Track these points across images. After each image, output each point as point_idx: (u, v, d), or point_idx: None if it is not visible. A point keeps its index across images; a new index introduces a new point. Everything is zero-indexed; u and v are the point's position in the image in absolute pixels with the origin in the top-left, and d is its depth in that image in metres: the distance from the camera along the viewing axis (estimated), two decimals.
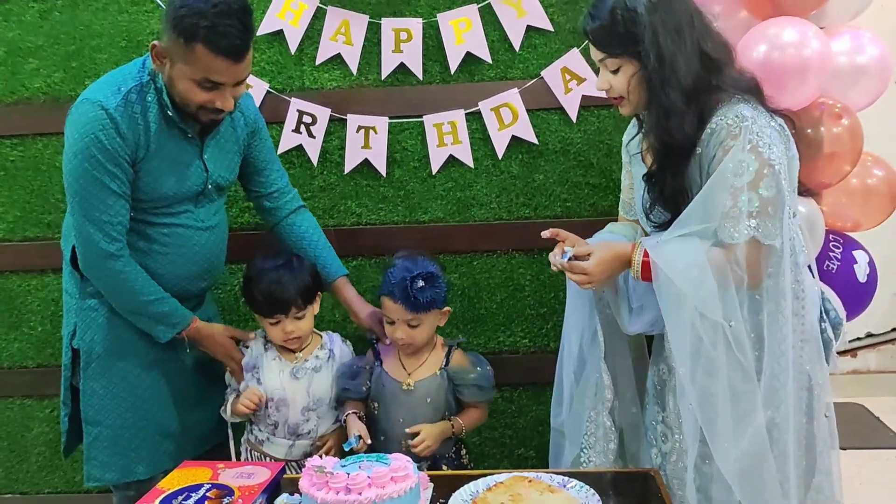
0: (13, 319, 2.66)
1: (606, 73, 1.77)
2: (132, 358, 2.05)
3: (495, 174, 2.51)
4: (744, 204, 1.62)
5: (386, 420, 2.09)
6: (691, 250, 1.66)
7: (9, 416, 2.70)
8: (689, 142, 1.70)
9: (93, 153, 1.87)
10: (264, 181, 2.24)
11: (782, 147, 1.66)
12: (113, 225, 1.92)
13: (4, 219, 2.62)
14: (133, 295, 1.97)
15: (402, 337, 2.05)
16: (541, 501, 1.60)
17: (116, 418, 2.06)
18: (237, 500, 1.63)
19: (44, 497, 2.73)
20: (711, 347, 1.63)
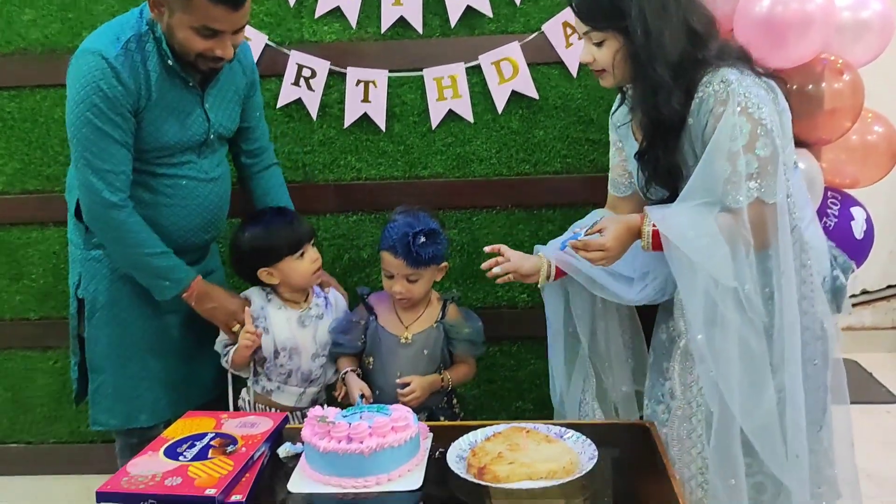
0: (14, 272, 2.67)
1: (590, 45, 1.76)
2: (135, 308, 2.07)
3: (495, 129, 2.51)
4: (743, 167, 1.62)
5: (382, 374, 2.11)
6: (700, 219, 1.66)
7: (12, 368, 2.73)
8: (678, 117, 1.70)
9: (94, 102, 1.87)
10: (250, 137, 2.23)
11: (771, 104, 1.66)
12: (116, 174, 1.92)
13: (3, 171, 2.62)
14: (136, 247, 1.97)
15: (401, 291, 2.06)
16: (538, 451, 1.63)
17: (119, 367, 2.08)
18: (241, 448, 1.67)
19: (48, 447, 2.77)
20: (727, 312, 1.64)
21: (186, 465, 1.59)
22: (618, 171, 2.01)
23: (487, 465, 1.57)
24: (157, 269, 2.00)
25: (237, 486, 1.55)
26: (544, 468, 1.56)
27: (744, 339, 1.65)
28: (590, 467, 1.58)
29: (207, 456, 1.63)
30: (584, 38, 1.77)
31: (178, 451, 1.66)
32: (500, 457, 1.60)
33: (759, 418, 1.66)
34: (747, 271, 1.65)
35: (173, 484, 1.52)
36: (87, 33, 2.46)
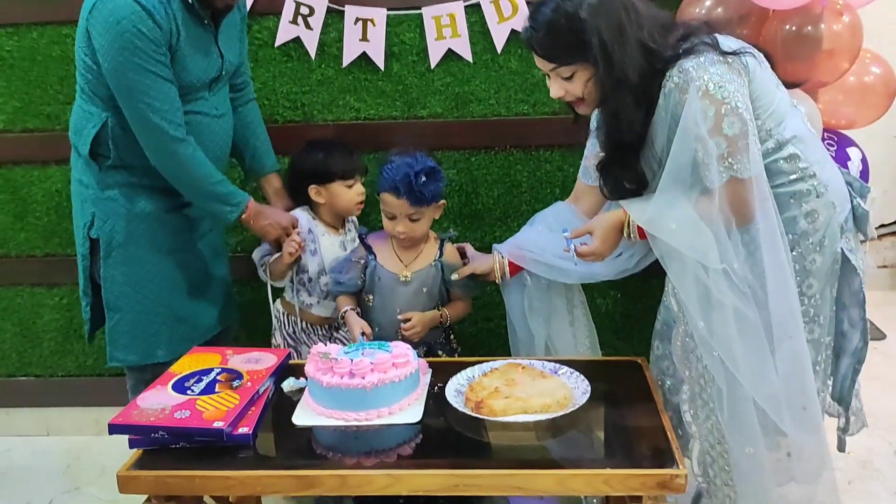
0: (18, 210, 2.70)
1: (559, 81, 1.75)
2: (151, 246, 2.11)
3: (494, 69, 2.50)
4: (713, 148, 1.64)
5: (382, 311, 2.17)
6: (679, 209, 1.70)
7: (19, 304, 2.78)
8: (637, 138, 1.75)
9: (136, 45, 1.87)
10: (238, 71, 2.26)
11: (736, 79, 1.66)
12: (173, 111, 1.96)
13: (4, 110, 2.62)
14: (203, 177, 2.04)
15: (404, 231, 2.10)
16: (533, 386, 1.70)
17: (136, 304, 2.13)
18: (246, 383, 1.73)
19: (57, 380, 2.84)
20: (720, 295, 1.67)
21: (194, 398, 1.66)
22: (593, 161, 2.01)
23: (484, 399, 1.63)
24: (220, 196, 2.08)
25: (244, 419, 1.62)
26: (539, 402, 1.63)
27: (741, 314, 1.68)
28: (583, 401, 1.65)
29: (214, 390, 1.69)
30: (552, 76, 1.76)
31: (185, 385, 1.72)
32: (496, 391, 1.67)
33: (768, 386, 1.69)
34: (732, 249, 1.67)
35: (182, 416, 1.59)
36: None
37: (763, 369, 1.69)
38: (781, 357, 1.71)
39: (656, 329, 2.02)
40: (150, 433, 1.57)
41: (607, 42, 1.64)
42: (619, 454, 1.60)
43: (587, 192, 2.09)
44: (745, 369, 1.68)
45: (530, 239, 2.09)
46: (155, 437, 1.57)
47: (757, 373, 1.69)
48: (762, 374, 1.69)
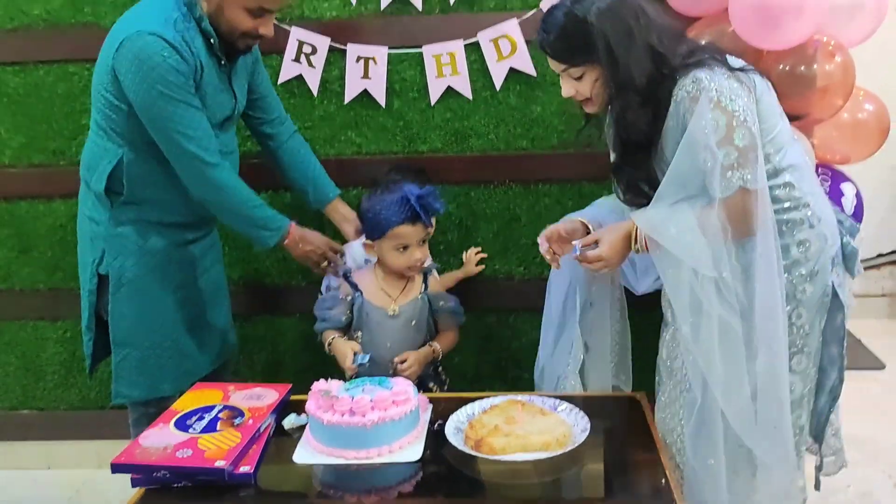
0: (23, 244, 2.72)
1: (570, 80, 1.80)
2: (160, 282, 2.13)
3: (493, 105, 2.54)
4: (723, 157, 1.67)
5: (372, 346, 2.17)
6: (681, 215, 1.72)
7: (23, 337, 2.79)
8: (646, 137, 1.77)
9: (168, 79, 1.92)
10: (267, 107, 2.30)
11: (745, 96, 1.70)
12: (208, 138, 2.01)
13: (9, 145, 2.65)
14: (241, 202, 2.08)
15: (422, 256, 2.14)
16: (533, 423, 1.71)
17: (144, 340, 2.14)
18: (248, 420, 1.73)
19: (60, 413, 2.85)
20: (708, 304, 1.70)
21: (196, 437, 1.66)
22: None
23: (484, 437, 1.64)
24: (259, 220, 2.11)
25: (245, 458, 1.62)
26: (539, 440, 1.64)
27: (725, 325, 1.71)
28: (582, 439, 1.65)
29: (216, 428, 1.70)
30: (563, 76, 1.81)
31: (187, 423, 1.73)
32: (496, 429, 1.67)
33: (739, 401, 1.72)
34: (725, 258, 1.69)
35: (184, 456, 1.59)
36: (90, 9, 2.53)
37: (737, 383, 1.72)
38: (758, 370, 1.73)
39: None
40: (153, 472, 1.58)
41: (614, 45, 1.69)
42: (619, 493, 1.61)
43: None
44: (720, 380, 1.71)
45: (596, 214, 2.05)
46: (157, 476, 1.58)
47: (731, 386, 1.71)
48: (736, 388, 1.71)
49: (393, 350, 2.17)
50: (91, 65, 2.52)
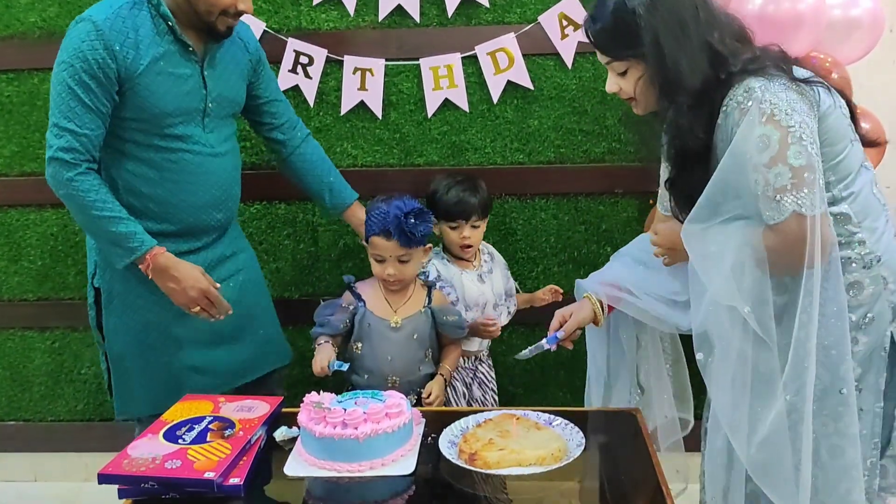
0: (12, 253, 2.70)
1: (614, 75, 1.69)
2: (150, 296, 2.03)
3: (490, 119, 2.54)
4: (775, 179, 1.48)
5: (373, 359, 2.15)
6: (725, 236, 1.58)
7: (10, 347, 2.76)
8: (702, 145, 1.60)
9: (73, 64, 1.87)
10: (276, 112, 2.25)
11: (806, 109, 1.52)
12: (77, 136, 1.90)
13: (1, 153, 2.64)
14: (86, 209, 1.93)
15: (394, 273, 2.11)
16: (527, 438, 1.68)
17: (138, 354, 2.08)
18: (238, 432, 1.71)
19: (46, 424, 2.81)
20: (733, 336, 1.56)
21: (186, 448, 1.63)
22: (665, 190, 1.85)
23: (478, 451, 1.62)
24: (112, 235, 1.94)
25: (235, 469, 1.59)
26: (533, 455, 1.61)
27: (753, 362, 1.56)
28: (577, 454, 1.63)
29: (206, 439, 1.67)
30: (609, 69, 1.70)
31: (177, 434, 1.70)
32: (490, 443, 1.65)
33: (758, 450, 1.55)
34: (754, 291, 1.54)
35: (173, 467, 1.56)
36: None
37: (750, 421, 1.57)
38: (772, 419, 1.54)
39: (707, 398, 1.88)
40: (141, 483, 1.55)
41: (663, 40, 1.55)
42: None
43: (665, 222, 1.91)
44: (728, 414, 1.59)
45: (621, 275, 1.96)
46: (145, 487, 1.55)
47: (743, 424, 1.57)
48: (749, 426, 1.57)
49: (394, 363, 2.14)
50: None
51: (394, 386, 2.12)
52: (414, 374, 2.16)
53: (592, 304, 1.95)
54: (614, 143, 2.54)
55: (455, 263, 2.31)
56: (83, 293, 2.67)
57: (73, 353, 2.75)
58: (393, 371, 2.13)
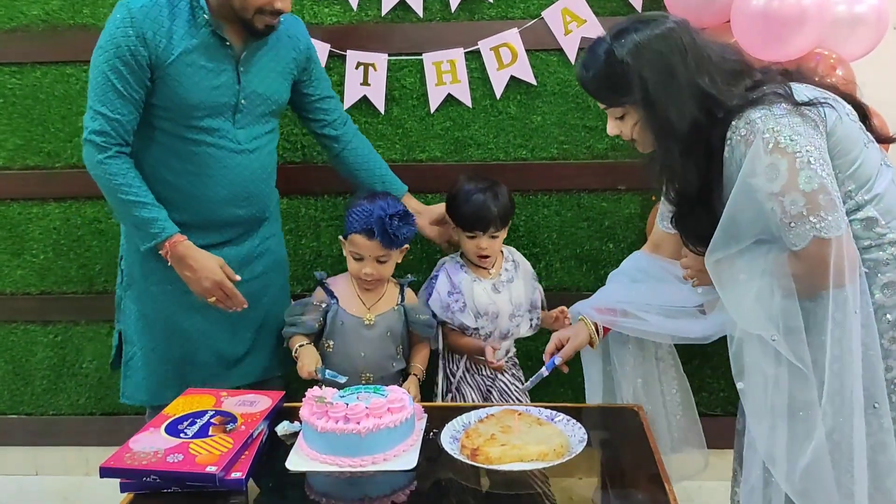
0: (15, 247, 2.69)
1: (613, 119, 1.70)
2: (165, 285, 2.07)
3: (493, 114, 2.53)
4: (790, 206, 1.49)
5: (344, 356, 2.14)
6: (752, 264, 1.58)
7: (13, 341, 2.76)
8: (696, 188, 1.61)
9: (107, 50, 1.91)
10: (327, 109, 2.25)
11: (811, 131, 1.51)
12: (109, 120, 1.93)
13: (4, 147, 2.63)
14: (114, 191, 1.96)
15: (371, 272, 2.11)
16: (529, 433, 1.68)
17: (148, 341, 2.11)
18: (240, 426, 1.71)
19: (48, 418, 2.81)
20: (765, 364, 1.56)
21: (187, 442, 1.63)
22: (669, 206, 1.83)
23: (480, 446, 1.62)
24: (133, 218, 1.98)
25: (237, 464, 1.59)
26: (535, 450, 1.61)
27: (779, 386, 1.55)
28: (579, 450, 1.63)
29: (208, 433, 1.67)
30: (608, 113, 1.70)
31: (179, 428, 1.70)
32: (492, 438, 1.65)
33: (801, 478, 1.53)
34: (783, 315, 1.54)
35: (175, 461, 1.56)
36: (88, 10, 2.52)
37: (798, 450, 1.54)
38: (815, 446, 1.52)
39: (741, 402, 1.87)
40: (142, 477, 1.55)
41: (651, 87, 1.55)
42: None
43: (667, 239, 1.97)
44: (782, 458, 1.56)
45: (618, 295, 1.98)
46: (147, 480, 1.55)
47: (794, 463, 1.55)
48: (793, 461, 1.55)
49: (367, 359, 2.14)
50: (87, 66, 2.52)
51: (367, 382, 2.12)
52: (387, 370, 2.18)
53: (588, 329, 1.99)
54: (618, 139, 2.50)
55: (470, 270, 2.25)
56: (86, 287, 2.69)
57: (75, 347, 2.74)
58: (366, 367, 2.14)
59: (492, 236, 2.18)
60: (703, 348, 2.56)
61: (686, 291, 1.86)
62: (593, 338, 1.99)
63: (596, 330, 1.98)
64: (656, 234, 2.03)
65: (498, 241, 2.22)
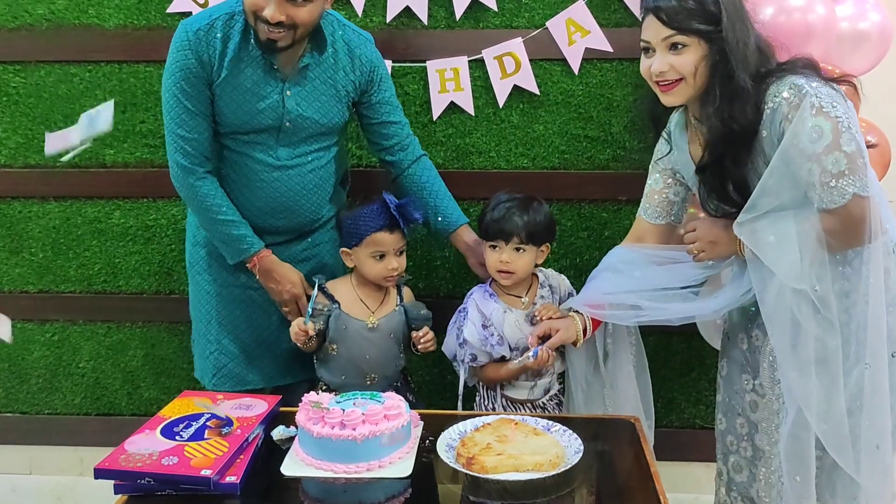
0: (14, 245, 2.69)
1: (666, 54, 1.69)
2: (207, 274, 2.20)
3: (495, 123, 2.53)
4: (832, 165, 1.58)
5: (349, 359, 2.13)
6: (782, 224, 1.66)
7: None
8: (752, 128, 1.67)
9: (174, 73, 1.99)
10: (385, 133, 2.24)
11: (844, 103, 1.63)
12: (188, 140, 2.02)
13: (6, 145, 2.63)
14: (204, 211, 2.08)
15: (397, 266, 2.11)
16: (525, 443, 1.68)
17: (195, 324, 2.27)
18: (236, 430, 1.70)
19: (43, 417, 2.80)
20: (801, 316, 1.63)
21: (183, 444, 1.63)
22: (657, 199, 1.98)
23: (476, 455, 1.61)
24: (223, 235, 2.10)
25: (232, 468, 1.59)
26: (531, 460, 1.61)
27: (820, 340, 1.64)
28: (575, 461, 1.63)
29: (203, 436, 1.67)
30: (658, 47, 1.70)
31: (174, 430, 1.70)
32: (488, 448, 1.64)
33: (831, 420, 1.64)
34: (818, 272, 1.63)
35: (170, 463, 1.56)
36: (94, 10, 2.53)
37: (831, 399, 1.64)
38: (853, 383, 1.65)
39: (718, 402, 1.98)
40: (137, 479, 1.54)
41: (736, 24, 1.65)
42: None
43: (650, 230, 2.01)
44: (814, 401, 1.63)
45: (601, 288, 1.99)
46: (141, 483, 1.54)
47: (824, 402, 1.64)
48: (830, 404, 1.64)
49: (371, 362, 2.13)
50: (93, 66, 2.55)
51: (372, 383, 2.13)
52: (391, 370, 2.18)
53: (576, 326, 2.00)
54: (619, 150, 2.53)
55: (500, 299, 2.13)
56: (83, 286, 2.70)
57: (71, 346, 2.74)
58: (371, 369, 2.14)
59: (515, 248, 2.07)
60: (701, 360, 2.58)
61: (684, 271, 1.88)
62: (578, 337, 2.01)
63: (584, 328, 2.00)
64: (639, 226, 2.05)
65: (523, 260, 2.08)
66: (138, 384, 2.76)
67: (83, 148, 1.65)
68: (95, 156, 2.61)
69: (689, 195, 1.98)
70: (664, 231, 2.00)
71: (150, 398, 2.76)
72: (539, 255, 2.13)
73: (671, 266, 1.92)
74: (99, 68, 2.56)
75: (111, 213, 2.64)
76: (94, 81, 2.56)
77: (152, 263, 2.68)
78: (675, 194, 1.97)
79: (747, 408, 1.87)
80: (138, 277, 2.69)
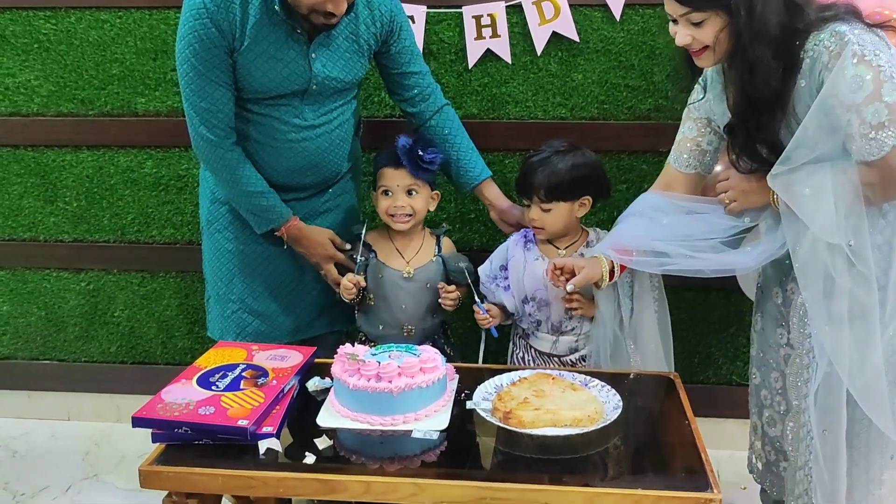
0: (48, 194, 2.69)
1: (688, 26, 1.66)
2: (226, 231, 2.17)
3: (533, 71, 2.46)
4: (872, 116, 1.52)
5: (386, 309, 2.13)
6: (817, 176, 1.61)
7: (46, 288, 2.78)
8: (775, 95, 1.63)
9: (191, 42, 1.91)
10: (406, 84, 2.20)
11: (887, 50, 1.56)
12: (213, 112, 1.97)
13: (38, 93, 2.62)
14: (233, 183, 2.04)
15: (402, 204, 2.08)
16: (563, 398, 1.66)
17: (213, 285, 2.23)
18: (271, 381, 1.70)
19: (80, 365, 2.84)
20: (834, 271, 1.60)
21: (219, 394, 1.63)
22: (689, 146, 1.93)
23: (513, 409, 1.60)
24: (252, 206, 2.07)
25: (268, 418, 1.59)
26: (569, 416, 1.59)
27: (854, 294, 1.60)
28: (614, 417, 1.61)
29: (239, 387, 1.67)
30: (681, 20, 1.66)
31: (210, 380, 1.70)
32: (525, 402, 1.63)
33: (865, 376, 1.61)
34: (857, 226, 1.59)
35: (207, 413, 1.56)
36: None
37: (865, 356, 1.61)
38: (888, 338, 1.62)
39: (752, 356, 1.95)
40: (174, 428, 1.55)
41: None
42: (652, 474, 1.55)
43: (679, 179, 1.96)
44: (846, 358, 1.61)
45: (627, 232, 1.94)
46: (178, 432, 1.55)
47: (858, 359, 1.61)
48: (863, 360, 1.61)
49: (408, 312, 2.13)
50: (123, 12, 2.51)
51: (409, 335, 2.12)
52: (427, 321, 2.16)
53: (602, 267, 1.93)
54: (661, 99, 2.45)
55: (539, 247, 2.12)
56: (118, 236, 2.70)
57: (107, 295, 2.75)
58: (408, 320, 2.13)
59: (541, 208, 2.04)
60: (740, 316, 2.53)
61: (713, 221, 1.84)
62: (604, 278, 1.93)
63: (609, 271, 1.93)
64: (668, 174, 1.99)
65: (551, 216, 2.04)
66: (172, 333, 2.78)
67: None
68: (127, 104, 2.59)
69: (722, 145, 1.92)
70: (694, 180, 1.95)
71: (184, 347, 2.78)
72: (577, 208, 2.07)
73: (701, 216, 1.87)
74: (129, 15, 2.52)
75: (143, 163, 2.63)
76: (125, 28, 2.53)
77: (185, 213, 2.66)
78: (708, 143, 1.92)
79: (781, 362, 1.84)
80: (171, 227, 2.68)
